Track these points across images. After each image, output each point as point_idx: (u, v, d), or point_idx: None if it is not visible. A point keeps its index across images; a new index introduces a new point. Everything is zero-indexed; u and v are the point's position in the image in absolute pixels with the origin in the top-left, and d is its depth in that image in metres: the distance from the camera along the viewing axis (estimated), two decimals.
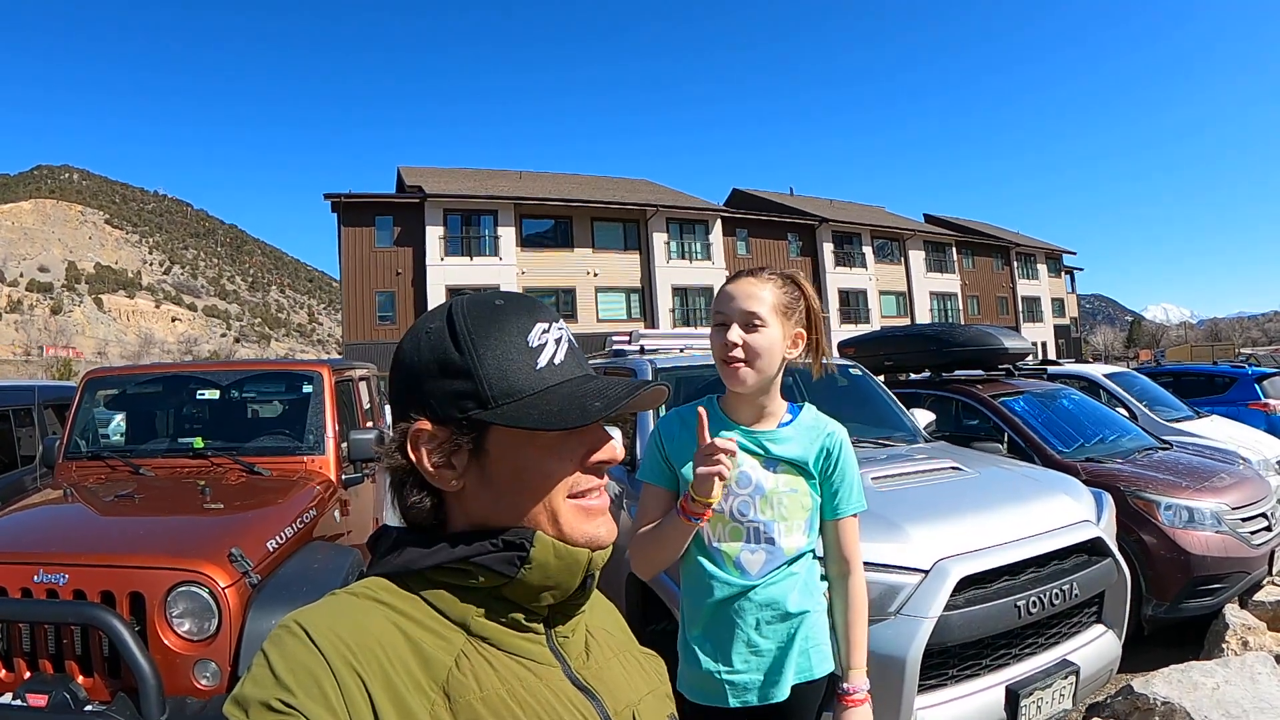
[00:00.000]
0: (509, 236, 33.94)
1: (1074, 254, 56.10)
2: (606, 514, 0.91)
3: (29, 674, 2.90)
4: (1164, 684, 3.37)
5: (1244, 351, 46.72)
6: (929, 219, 51.96)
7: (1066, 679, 2.95)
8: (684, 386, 4.33)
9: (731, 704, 1.81)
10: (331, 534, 4.11)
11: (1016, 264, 50.20)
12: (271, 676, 0.72)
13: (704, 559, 1.84)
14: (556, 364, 0.88)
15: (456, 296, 0.93)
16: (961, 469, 3.69)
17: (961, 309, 45.64)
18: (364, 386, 6.03)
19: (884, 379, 6.79)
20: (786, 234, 40.90)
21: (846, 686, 1.85)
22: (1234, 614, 4.51)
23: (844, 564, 1.90)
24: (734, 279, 1.87)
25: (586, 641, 0.94)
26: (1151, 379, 10.02)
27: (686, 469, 1.84)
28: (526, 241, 34.75)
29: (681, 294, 36.32)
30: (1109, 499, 3.88)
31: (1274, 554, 5.04)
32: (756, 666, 1.81)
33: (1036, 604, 2.92)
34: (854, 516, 1.90)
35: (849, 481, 1.88)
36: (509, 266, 33.43)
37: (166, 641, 2.89)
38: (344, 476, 4.52)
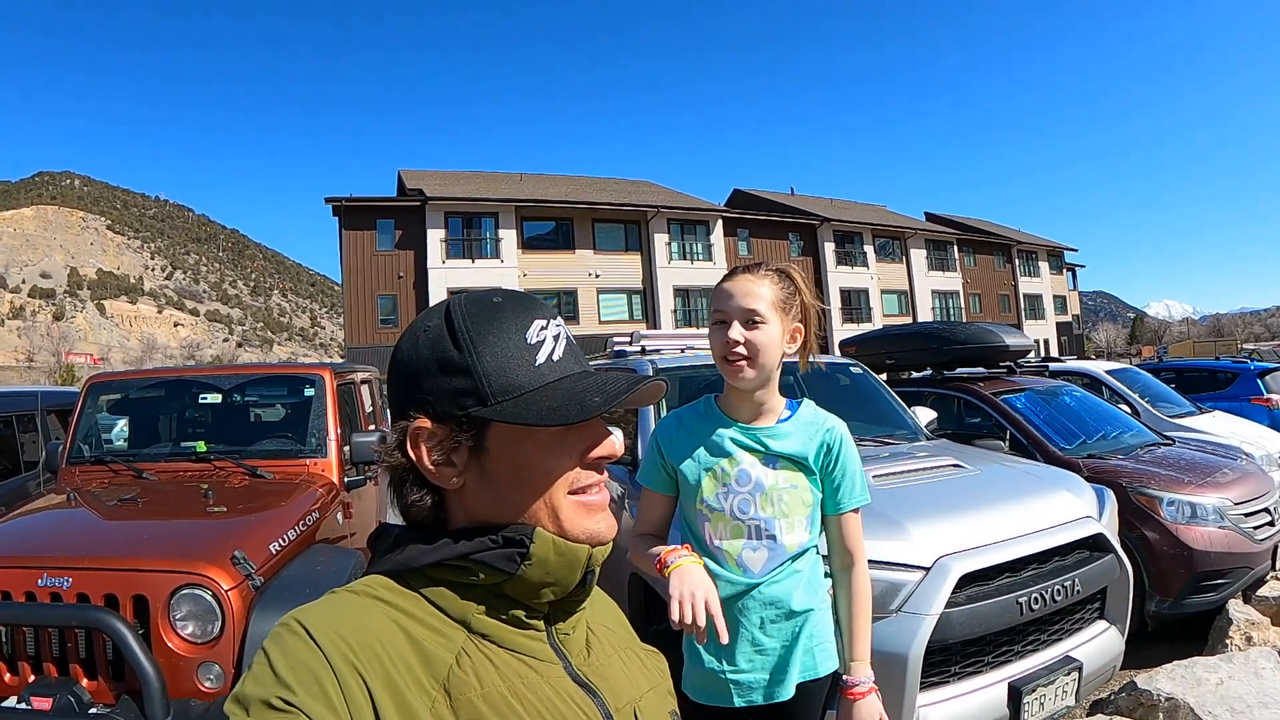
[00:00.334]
0: (510, 239, 33.93)
1: (1076, 251, 56.14)
2: (607, 510, 0.91)
3: (33, 677, 2.92)
4: (1167, 680, 3.37)
5: (1247, 347, 46.62)
6: (930, 217, 51.90)
7: (1069, 675, 2.95)
8: (685, 386, 4.33)
9: (736, 703, 1.81)
10: (334, 536, 4.12)
11: (1018, 261, 50.17)
12: (272, 674, 0.72)
13: (707, 559, 1.84)
14: (555, 360, 0.88)
15: (454, 295, 0.92)
16: (963, 466, 3.69)
17: (963, 307, 45.60)
18: (366, 389, 6.04)
19: (886, 377, 6.80)
20: (788, 234, 40.88)
21: (849, 679, 1.83)
22: (1237, 609, 4.51)
23: (847, 556, 1.89)
24: (731, 276, 1.86)
25: (587, 638, 0.94)
26: (1154, 375, 10.02)
27: (685, 465, 1.87)
28: (528, 244, 34.73)
29: (683, 295, 36.28)
30: (1111, 495, 3.88)
31: (1277, 549, 5.04)
32: (761, 665, 1.81)
33: (1038, 600, 2.91)
34: (856, 511, 1.90)
35: (850, 476, 1.87)
36: (511, 269, 33.42)
37: (170, 644, 2.90)
38: (346, 479, 4.54)
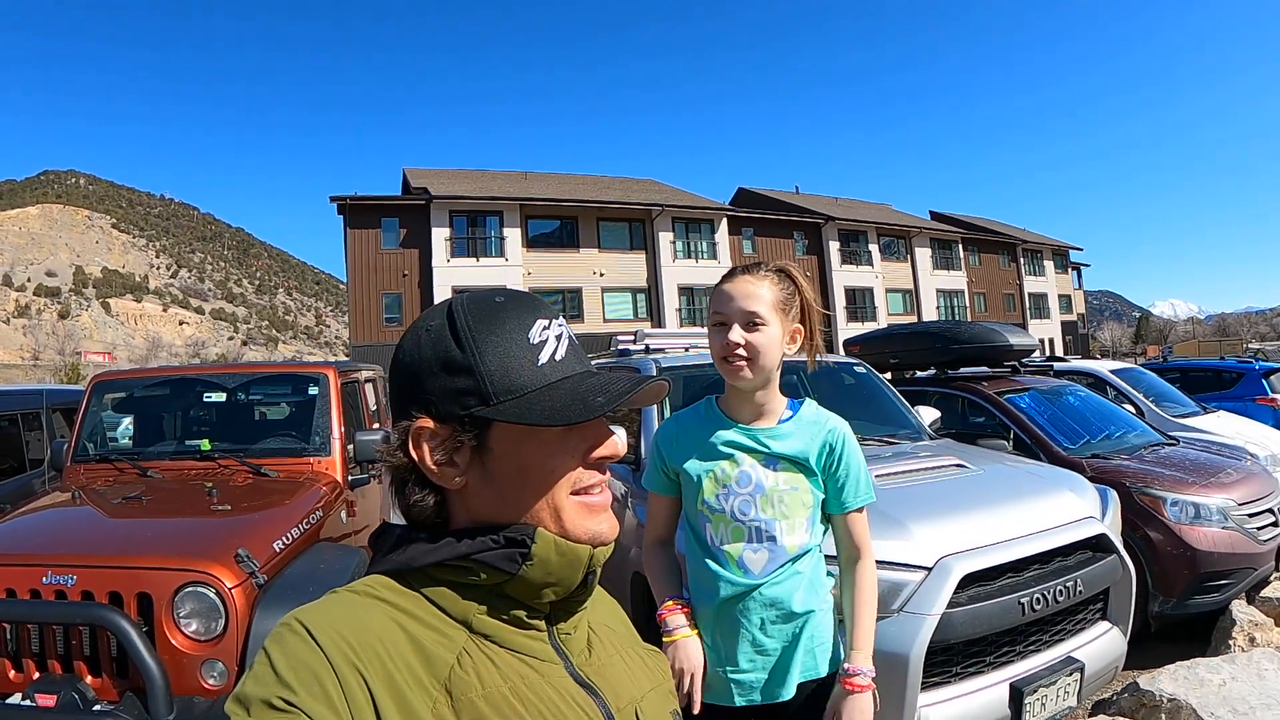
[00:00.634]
0: (515, 237, 33.95)
1: (1081, 250, 56.06)
2: (609, 510, 0.91)
3: (38, 674, 2.93)
4: (1170, 681, 3.37)
5: (1252, 347, 46.52)
6: (935, 216, 51.80)
7: (1071, 676, 2.94)
8: (688, 385, 4.33)
9: (737, 703, 1.81)
10: (338, 535, 4.13)
11: (1023, 260, 50.06)
12: (273, 674, 0.72)
13: (709, 560, 1.85)
14: (558, 360, 0.88)
15: (457, 295, 0.92)
16: (965, 466, 3.68)
17: (968, 306, 45.51)
18: (370, 388, 6.05)
19: (890, 377, 6.78)
20: (792, 232, 40.85)
21: (849, 667, 1.79)
22: (1241, 610, 4.50)
23: (855, 552, 1.89)
24: (730, 277, 1.86)
25: (589, 638, 0.94)
26: (1158, 375, 9.99)
27: (686, 467, 1.88)
28: (532, 242, 34.75)
29: (688, 293, 36.24)
30: (1114, 495, 3.87)
31: None
32: (762, 665, 1.81)
33: (1040, 601, 2.90)
34: (861, 510, 1.89)
35: (854, 475, 1.87)
36: (515, 267, 33.44)
37: (174, 642, 2.91)
38: (350, 478, 4.55)
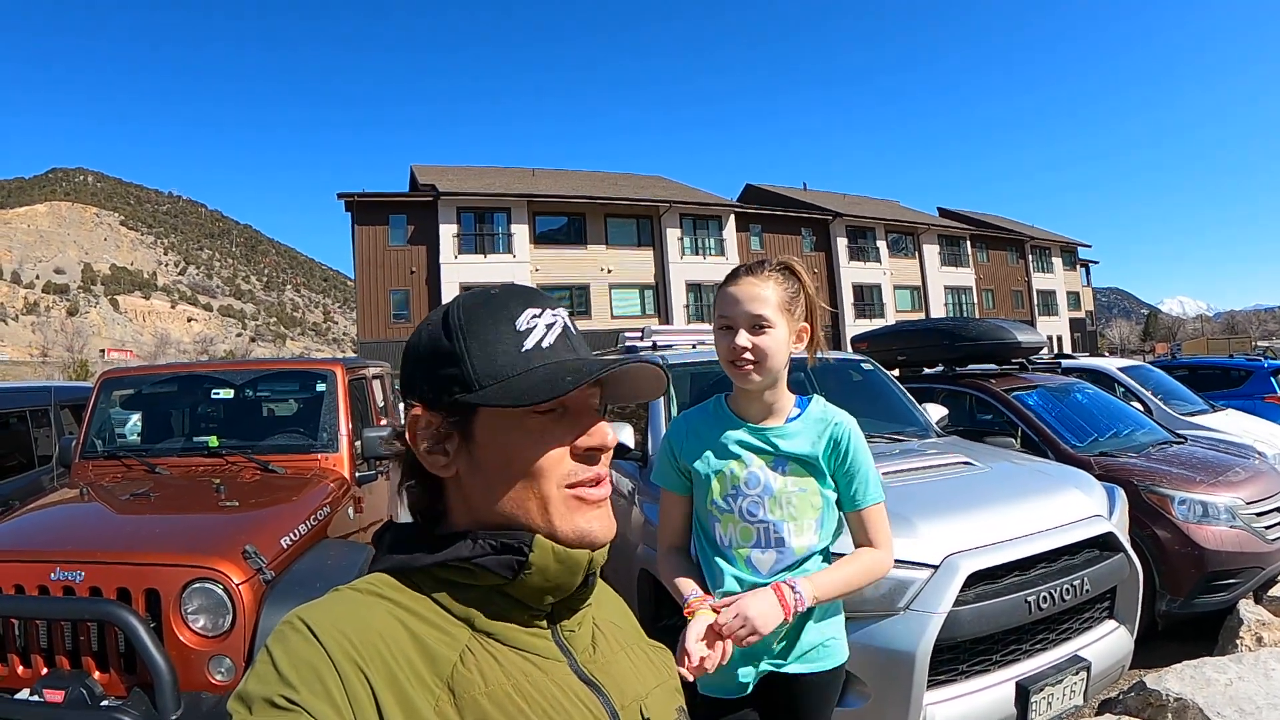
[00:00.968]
0: (522, 234, 33.97)
1: (1089, 247, 55.81)
2: (604, 508, 0.90)
3: (46, 670, 2.94)
4: (1176, 680, 3.36)
5: (1260, 344, 46.30)
6: (943, 213, 51.65)
7: (1077, 675, 2.93)
8: (697, 382, 4.33)
9: (740, 695, 1.83)
10: (345, 531, 4.15)
11: (1031, 257, 49.91)
12: (275, 673, 0.72)
13: (718, 558, 1.86)
14: (545, 347, 0.88)
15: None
16: (972, 464, 3.67)
17: (976, 303, 45.39)
18: (378, 385, 6.07)
19: (898, 374, 6.77)
20: (800, 229, 40.79)
21: (787, 578, 1.76)
22: (1248, 609, 4.47)
23: (870, 543, 1.87)
24: (734, 279, 1.85)
25: (593, 635, 0.94)
26: (1166, 372, 9.94)
27: (696, 466, 1.89)
28: (540, 239, 34.78)
29: (696, 290, 36.21)
30: (1122, 494, 3.85)
31: None
32: (766, 660, 1.83)
33: (1047, 599, 2.90)
34: (876, 507, 1.87)
35: (864, 472, 1.86)
36: (523, 264, 33.46)
37: (181, 638, 2.92)
38: (358, 474, 4.55)
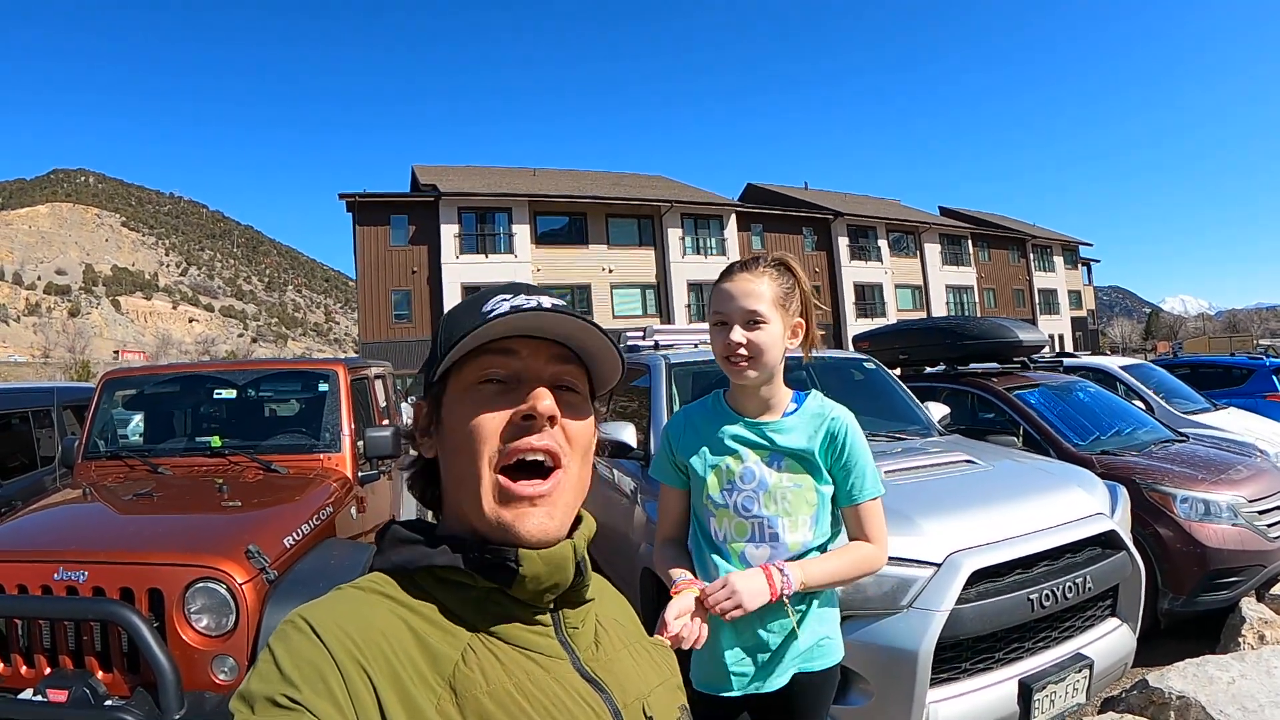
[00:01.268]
0: (524, 234, 33.96)
1: (1091, 245, 55.73)
2: (541, 507, 0.85)
3: (49, 670, 2.94)
4: (1179, 678, 3.36)
5: (1262, 343, 46.26)
6: (944, 211, 51.63)
7: (1080, 673, 2.94)
8: (698, 381, 4.34)
9: (734, 693, 1.83)
10: (348, 531, 4.14)
11: (1033, 256, 49.84)
12: (277, 672, 0.72)
13: (713, 554, 1.86)
14: (497, 314, 0.88)
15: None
16: (975, 462, 3.67)
17: (978, 301, 45.37)
18: (380, 385, 6.06)
19: (899, 372, 6.76)
20: (801, 228, 40.76)
21: (777, 561, 1.78)
22: (1250, 608, 4.48)
23: (865, 538, 1.86)
24: (729, 275, 1.86)
25: (596, 633, 0.94)
26: (1168, 371, 9.93)
27: (693, 461, 1.89)
28: (541, 239, 34.76)
29: (697, 289, 36.16)
30: (1124, 492, 3.86)
31: None
32: (760, 657, 1.83)
33: (1050, 597, 2.90)
34: (872, 503, 1.86)
35: (861, 466, 1.85)
36: (524, 264, 33.45)
37: (185, 637, 2.93)
38: (360, 474, 4.56)
